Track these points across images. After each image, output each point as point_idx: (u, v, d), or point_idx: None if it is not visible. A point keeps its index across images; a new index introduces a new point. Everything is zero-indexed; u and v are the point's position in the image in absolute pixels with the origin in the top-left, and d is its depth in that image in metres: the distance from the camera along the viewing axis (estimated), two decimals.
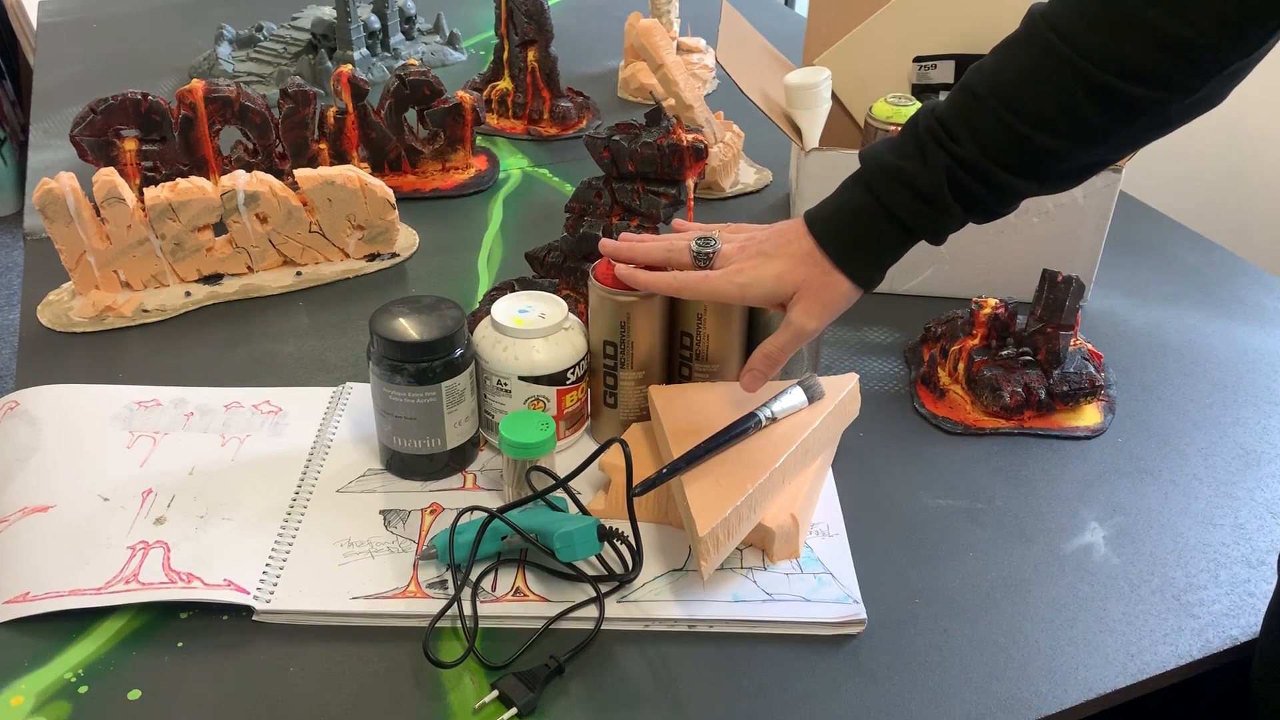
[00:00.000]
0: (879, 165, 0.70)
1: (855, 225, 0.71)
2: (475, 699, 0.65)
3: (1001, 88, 0.65)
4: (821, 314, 0.73)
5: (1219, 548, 0.79)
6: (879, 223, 0.71)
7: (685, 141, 0.91)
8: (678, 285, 0.76)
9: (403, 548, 0.75)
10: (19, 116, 3.02)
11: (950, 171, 0.67)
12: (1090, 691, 0.67)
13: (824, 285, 0.72)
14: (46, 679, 0.66)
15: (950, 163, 0.67)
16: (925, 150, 0.68)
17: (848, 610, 0.71)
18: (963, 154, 0.66)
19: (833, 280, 0.72)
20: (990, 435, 0.89)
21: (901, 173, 0.69)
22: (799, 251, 0.73)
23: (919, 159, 0.68)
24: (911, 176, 0.68)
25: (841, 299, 0.73)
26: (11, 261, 2.82)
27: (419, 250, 1.15)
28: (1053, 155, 0.65)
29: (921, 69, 1.13)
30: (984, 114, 0.66)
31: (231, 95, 1.14)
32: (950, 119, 0.67)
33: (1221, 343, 1.03)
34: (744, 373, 0.77)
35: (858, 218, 0.71)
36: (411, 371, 0.76)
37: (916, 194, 0.69)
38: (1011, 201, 0.69)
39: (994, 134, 0.65)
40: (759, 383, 0.77)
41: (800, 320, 0.73)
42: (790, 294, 0.73)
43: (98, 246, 0.99)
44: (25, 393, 0.89)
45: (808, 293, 0.73)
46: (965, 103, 0.67)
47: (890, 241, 0.71)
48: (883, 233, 0.71)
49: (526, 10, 1.37)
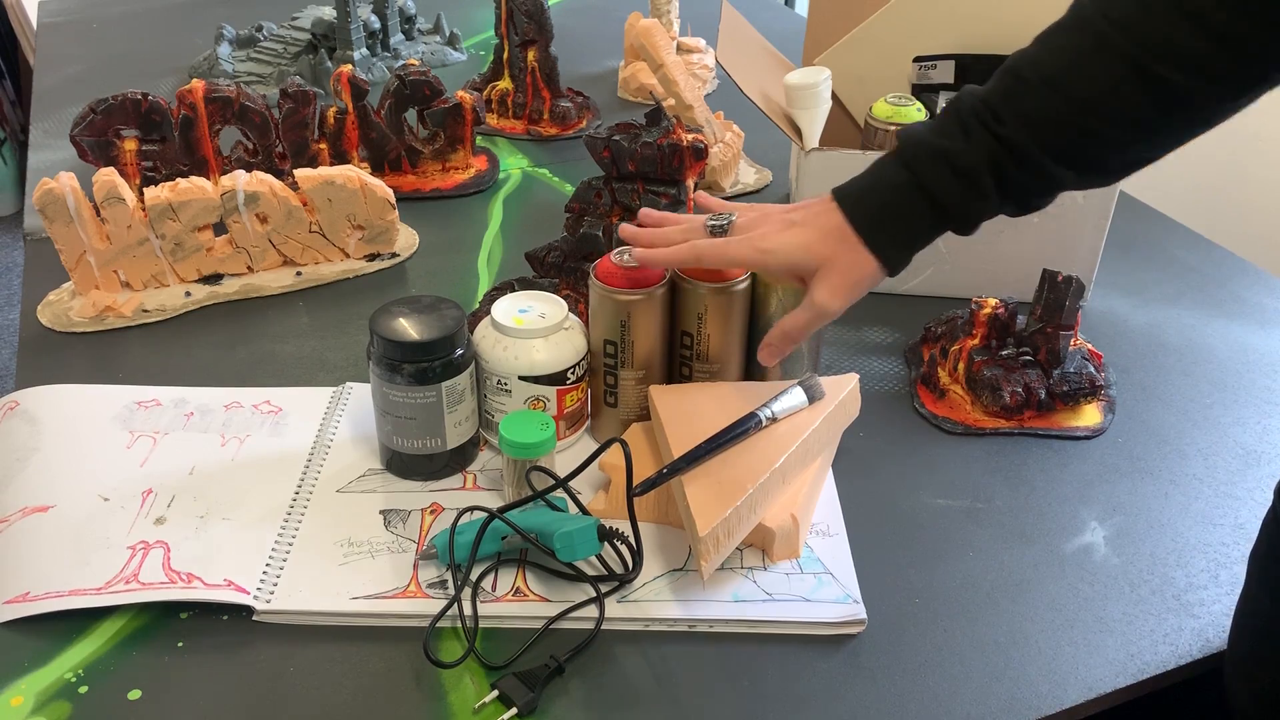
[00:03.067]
0: (919, 143, 0.69)
1: (889, 203, 0.70)
2: (475, 699, 0.65)
3: (1050, 73, 0.64)
4: (846, 293, 0.71)
5: (1219, 548, 0.79)
6: (914, 202, 0.69)
7: (685, 141, 0.91)
8: (695, 254, 0.75)
9: (403, 548, 0.75)
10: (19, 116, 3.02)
11: (993, 153, 0.66)
12: (1090, 691, 0.67)
13: (851, 263, 0.71)
14: (46, 679, 0.66)
15: (994, 144, 0.66)
16: (969, 130, 0.67)
17: (848, 610, 0.71)
18: (1008, 135, 0.65)
19: (860, 259, 0.70)
20: (990, 435, 0.89)
21: (943, 151, 0.67)
22: (828, 225, 0.71)
23: (962, 138, 0.67)
24: (953, 155, 0.67)
25: (867, 280, 0.71)
26: (11, 261, 2.82)
27: (419, 250, 1.15)
28: (1097, 143, 0.64)
29: (921, 69, 1.13)
30: (1032, 98, 0.64)
31: (231, 95, 1.14)
32: (996, 101, 0.66)
33: (1221, 343, 1.03)
34: (761, 347, 0.77)
35: (892, 195, 0.70)
36: (411, 371, 0.76)
37: (956, 173, 0.67)
38: (1048, 192, 0.68)
39: (1041, 118, 0.64)
40: (775, 358, 0.76)
41: (823, 299, 0.71)
42: (814, 268, 0.71)
43: (98, 246, 0.99)
44: (25, 393, 0.89)
45: (834, 270, 0.71)
46: (1011, 86, 0.65)
47: (922, 223, 0.70)
48: (916, 213, 0.69)
49: (526, 10, 1.37)
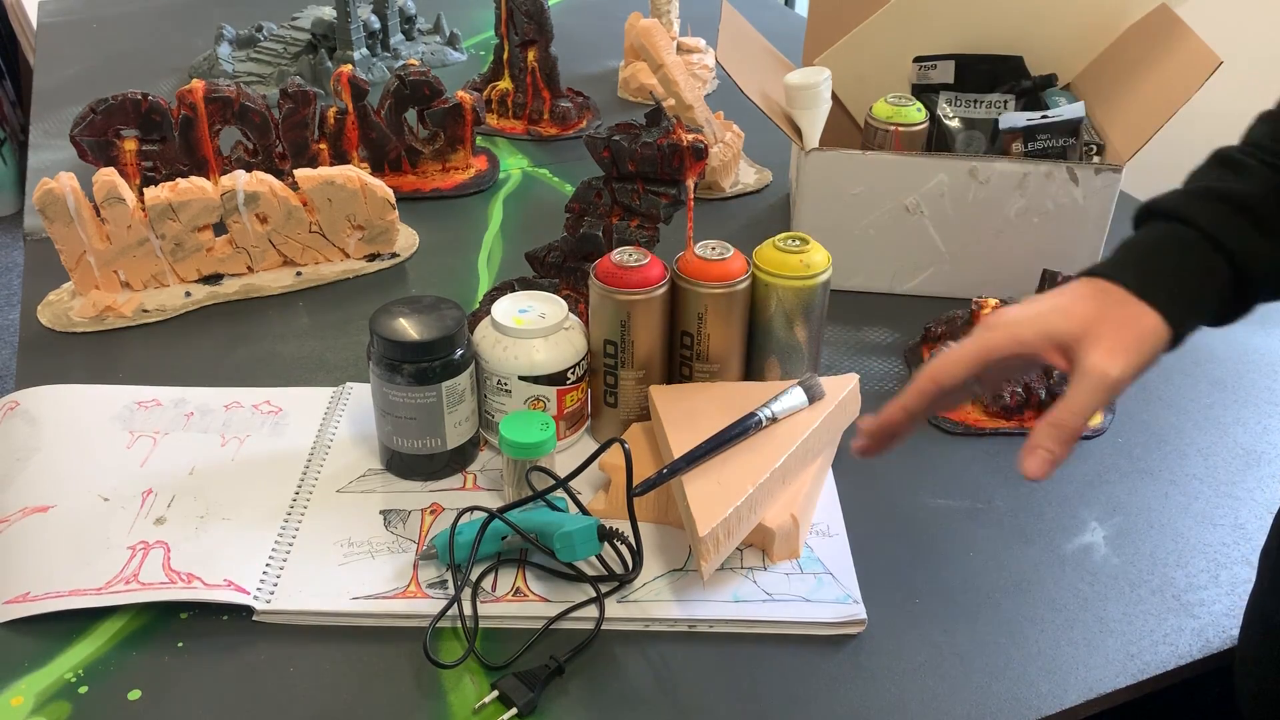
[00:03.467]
0: (1177, 193, 0.60)
1: (1159, 253, 0.58)
2: (475, 699, 0.65)
3: None
4: (1127, 354, 0.56)
5: (1219, 548, 0.79)
6: (1192, 246, 0.57)
7: (685, 141, 0.91)
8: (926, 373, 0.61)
9: (403, 548, 0.75)
10: (19, 116, 3.02)
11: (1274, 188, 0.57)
12: (1090, 691, 0.67)
13: (1124, 319, 0.56)
14: (46, 679, 0.66)
15: (1273, 176, 0.58)
16: (1239, 166, 0.59)
17: (848, 610, 0.71)
18: None
19: (1135, 312, 0.57)
20: (990, 435, 0.89)
21: (1214, 190, 0.58)
22: (1083, 288, 0.58)
23: (1233, 178, 0.59)
24: (1229, 191, 0.58)
25: (1151, 337, 0.56)
26: (11, 261, 2.82)
27: (419, 250, 1.14)
28: None
29: (921, 69, 1.13)
30: None
31: (231, 95, 1.14)
32: (1262, 137, 0.60)
33: (1221, 343, 1.03)
34: (1028, 454, 0.56)
35: (1163, 245, 0.58)
36: (411, 371, 0.76)
37: (1237, 207, 0.57)
38: None
39: None
40: (1049, 467, 0.56)
41: (1102, 364, 0.55)
42: (1080, 331, 0.57)
43: (98, 246, 0.99)
44: (25, 393, 0.89)
45: (1105, 328, 0.56)
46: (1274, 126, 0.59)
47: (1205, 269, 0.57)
48: (1196, 257, 0.57)
49: (526, 10, 1.37)
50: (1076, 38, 1.12)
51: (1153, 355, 0.57)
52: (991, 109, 1.10)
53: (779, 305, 0.82)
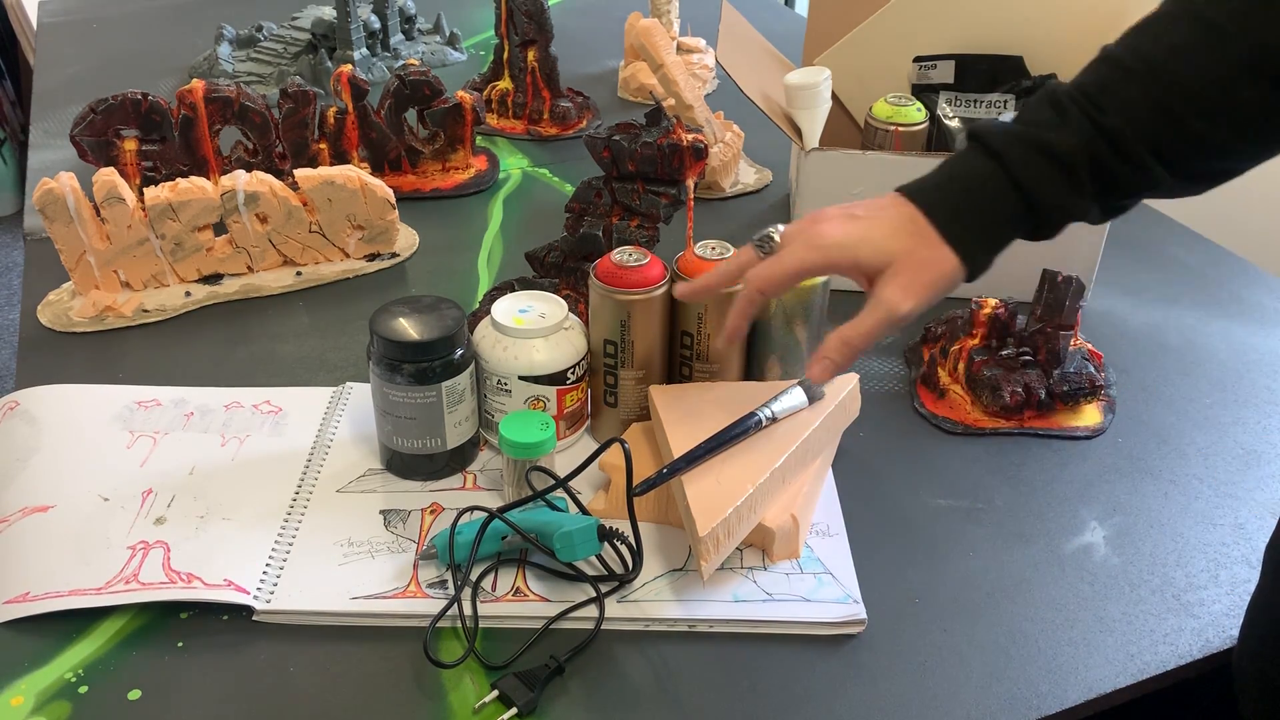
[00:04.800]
0: (1006, 131, 0.62)
1: (972, 193, 0.63)
2: (475, 699, 0.65)
3: (1152, 62, 0.59)
4: (920, 293, 0.63)
5: (1219, 548, 0.79)
6: (1001, 192, 0.62)
7: (685, 141, 0.91)
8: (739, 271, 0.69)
9: (403, 548, 0.75)
10: (19, 116, 3.02)
11: (1092, 141, 0.60)
12: (1090, 691, 0.68)
13: (926, 260, 0.63)
14: (46, 679, 0.66)
15: (1093, 131, 0.60)
16: (1065, 115, 0.61)
17: (848, 610, 0.71)
18: (1108, 124, 0.59)
19: (939, 255, 0.63)
20: (990, 435, 0.89)
21: (1037, 139, 0.61)
22: (897, 217, 0.64)
23: (1057, 126, 0.61)
24: (1049, 143, 0.61)
25: (944, 279, 0.63)
26: (11, 261, 2.82)
27: (419, 250, 1.15)
28: (1200, 143, 0.59)
29: (921, 69, 1.13)
30: (1131, 86, 0.59)
31: (231, 95, 1.14)
32: (1092, 88, 0.61)
33: (1221, 343, 1.03)
34: (815, 361, 0.67)
35: (975, 186, 0.63)
36: (411, 371, 0.76)
37: (1054, 161, 0.61)
38: (1140, 191, 0.62)
39: (1142, 108, 0.59)
40: (831, 373, 0.67)
41: (894, 298, 0.63)
42: (882, 264, 0.64)
43: (98, 246, 0.99)
44: (25, 393, 0.89)
45: (907, 266, 0.63)
46: (1108, 74, 0.60)
47: (1010, 216, 0.62)
48: (1003, 205, 0.62)
49: (526, 10, 1.37)
50: (1076, 38, 1.12)
51: (945, 291, 0.64)
52: (991, 109, 1.10)
53: (779, 305, 0.82)
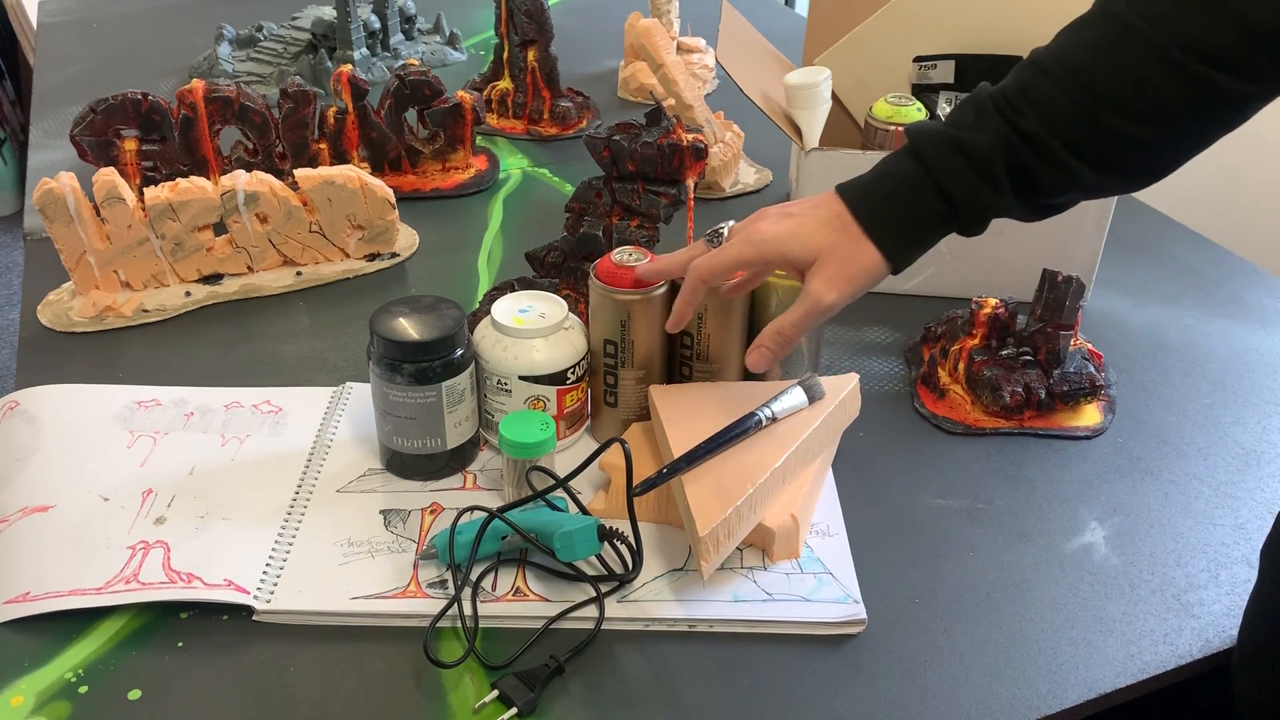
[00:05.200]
0: (928, 132, 0.66)
1: (893, 192, 0.67)
2: (475, 699, 0.65)
3: (1072, 64, 0.62)
4: (843, 286, 0.68)
5: (1219, 548, 0.79)
6: (921, 192, 0.66)
7: (685, 141, 0.91)
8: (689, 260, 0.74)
9: (403, 548, 0.75)
10: (19, 116, 3.02)
11: (1008, 142, 0.63)
12: (1090, 691, 0.68)
13: (850, 254, 0.68)
14: (46, 679, 0.66)
15: (1009, 132, 0.63)
16: (984, 117, 0.64)
17: (848, 610, 0.71)
18: (1024, 125, 0.63)
19: (860, 249, 0.67)
20: (990, 435, 0.89)
21: (954, 139, 0.65)
22: (827, 214, 0.69)
23: (975, 126, 0.64)
24: (964, 143, 0.64)
25: (865, 273, 0.68)
26: (11, 261, 2.82)
27: (419, 250, 1.15)
28: (1117, 139, 0.62)
29: (921, 69, 1.13)
30: (1050, 87, 0.62)
31: (231, 95, 1.14)
32: (1013, 91, 0.64)
33: (1221, 343, 1.03)
34: (751, 349, 0.73)
35: (898, 185, 0.67)
36: (411, 371, 0.76)
37: (969, 161, 0.64)
38: (1063, 189, 0.65)
39: (1060, 108, 0.62)
40: (767, 362, 0.72)
41: (819, 290, 0.68)
42: (810, 259, 0.68)
43: (98, 246, 0.99)
44: (25, 393, 0.89)
45: (831, 260, 0.68)
46: (1030, 77, 0.63)
47: (929, 215, 0.67)
48: (923, 203, 0.66)
49: (526, 10, 1.37)
50: None
51: (868, 285, 0.69)
52: None
53: (779, 305, 0.82)
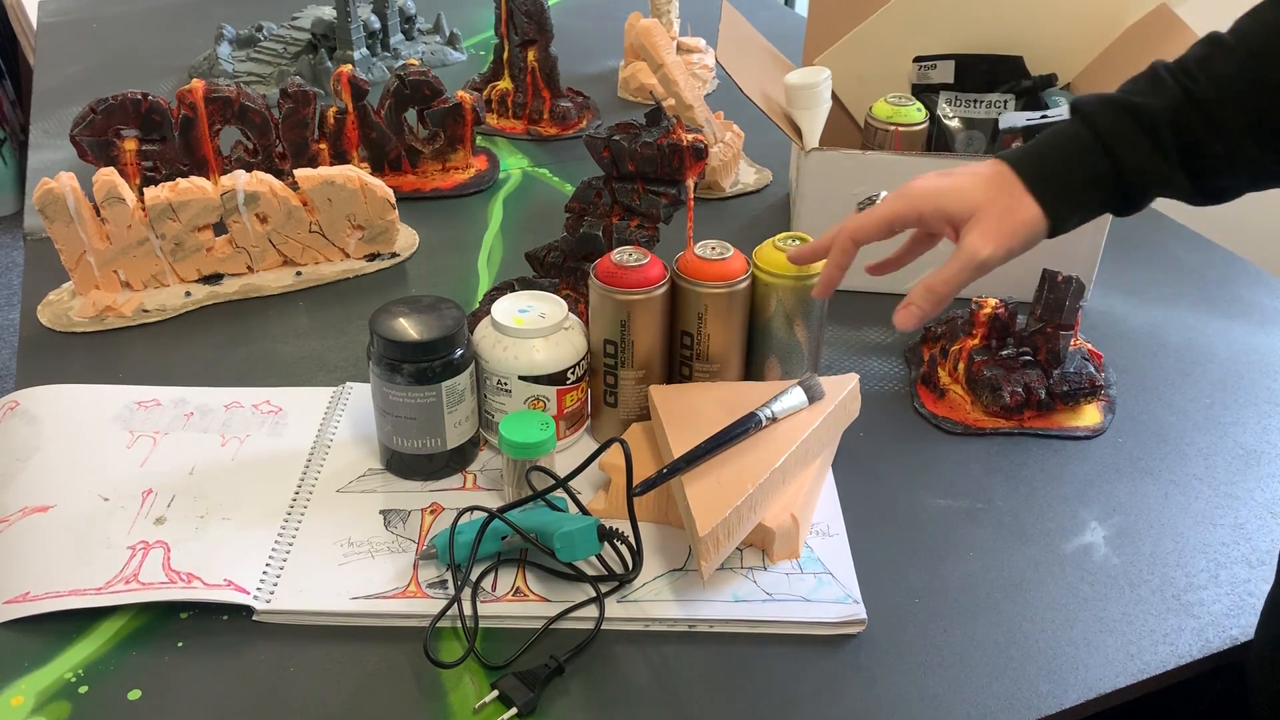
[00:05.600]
0: (1097, 98, 0.65)
1: (1059, 149, 0.65)
2: (475, 699, 0.65)
3: (1255, 44, 0.61)
4: (1000, 240, 0.65)
5: (1219, 548, 0.79)
6: (1088, 151, 0.64)
7: (685, 141, 0.91)
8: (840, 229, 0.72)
9: (403, 548, 0.75)
10: (19, 116, 3.02)
11: (1180, 108, 0.62)
12: (1090, 691, 0.68)
13: (1009, 209, 0.65)
14: (46, 679, 0.66)
15: (1183, 97, 0.62)
16: (1159, 84, 0.63)
17: (848, 610, 0.71)
18: (1199, 92, 0.61)
19: (1021, 205, 0.65)
20: (990, 435, 0.89)
21: (1125, 102, 0.63)
22: (986, 171, 0.67)
23: (1149, 91, 0.63)
24: (1136, 106, 0.63)
25: (1025, 227, 0.65)
26: (11, 261, 2.82)
27: (419, 250, 1.15)
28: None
29: (921, 69, 1.13)
30: (1230, 62, 0.61)
31: (231, 95, 1.14)
32: (1191, 61, 0.63)
33: (1221, 343, 1.03)
34: (901, 307, 0.69)
35: (1064, 143, 0.65)
36: (411, 371, 0.76)
37: (1139, 122, 0.63)
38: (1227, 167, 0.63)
39: (1238, 85, 0.61)
40: (915, 320, 0.69)
41: (974, 244, 0.65)
42: (968, 213, 0.66)
43: (98, 246, 0.99)
44: (25, 393, 0.89)
45: (990, 214, 0.65)
46: (1210, 52, 0.62)
47: (1094, 176, 0.64)
48: (1088, 163, 0.64)
49: (526, 10, 1.37)
50: (1076, 38, 1.12)
51: (1027, 242, 0.66)
52: (991, 109, 1.10)
53: (779, 305, 0.82)
